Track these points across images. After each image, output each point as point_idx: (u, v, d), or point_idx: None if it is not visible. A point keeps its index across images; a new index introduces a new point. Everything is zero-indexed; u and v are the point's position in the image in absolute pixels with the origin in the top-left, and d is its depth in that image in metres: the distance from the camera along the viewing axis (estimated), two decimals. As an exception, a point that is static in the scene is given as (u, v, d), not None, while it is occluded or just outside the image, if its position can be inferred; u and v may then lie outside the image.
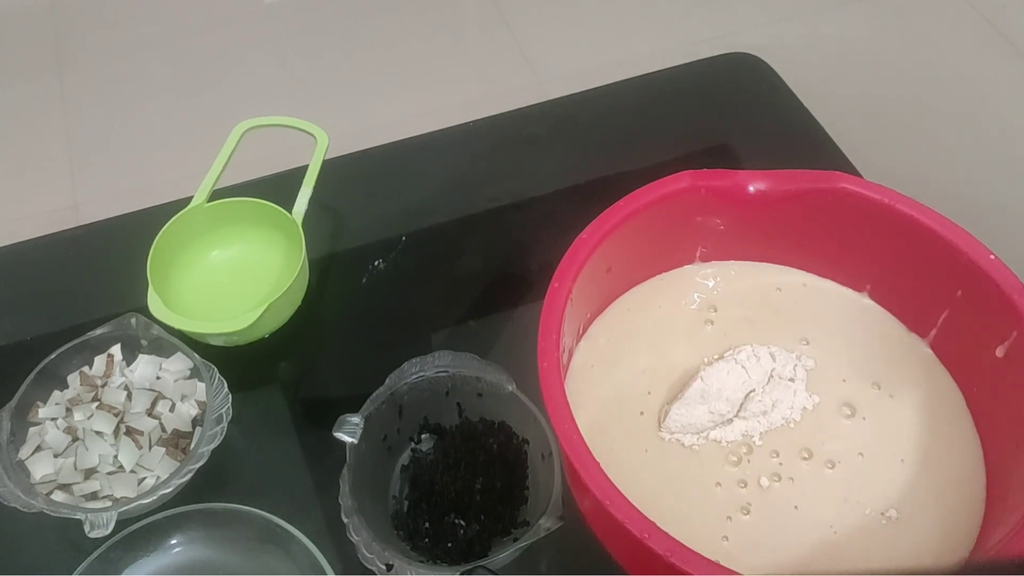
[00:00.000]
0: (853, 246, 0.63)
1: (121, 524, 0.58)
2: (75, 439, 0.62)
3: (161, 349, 0.66)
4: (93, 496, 0.61)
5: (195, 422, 0.64)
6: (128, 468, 0.61)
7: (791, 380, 0.60)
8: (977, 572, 0.51)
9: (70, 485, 0.61)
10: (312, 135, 0.74)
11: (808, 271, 0.66)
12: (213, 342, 0.69)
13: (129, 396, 0.64)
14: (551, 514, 0.54)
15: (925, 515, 0.56)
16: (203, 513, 0.59)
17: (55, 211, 1.30)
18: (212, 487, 0.63)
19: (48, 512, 0.58)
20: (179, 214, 0.71)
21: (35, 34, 1.57)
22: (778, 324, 0.64)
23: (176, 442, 0.63)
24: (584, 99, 0.90)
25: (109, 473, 0.61)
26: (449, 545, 0.59)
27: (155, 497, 0.59)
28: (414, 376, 0.61)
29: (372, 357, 0.70)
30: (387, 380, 0.61)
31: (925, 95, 1.34)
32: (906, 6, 1.49)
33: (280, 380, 0.71)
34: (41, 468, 0.61)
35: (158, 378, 0.66)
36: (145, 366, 0.66)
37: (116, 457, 0.62)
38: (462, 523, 0.60)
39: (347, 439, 0.57)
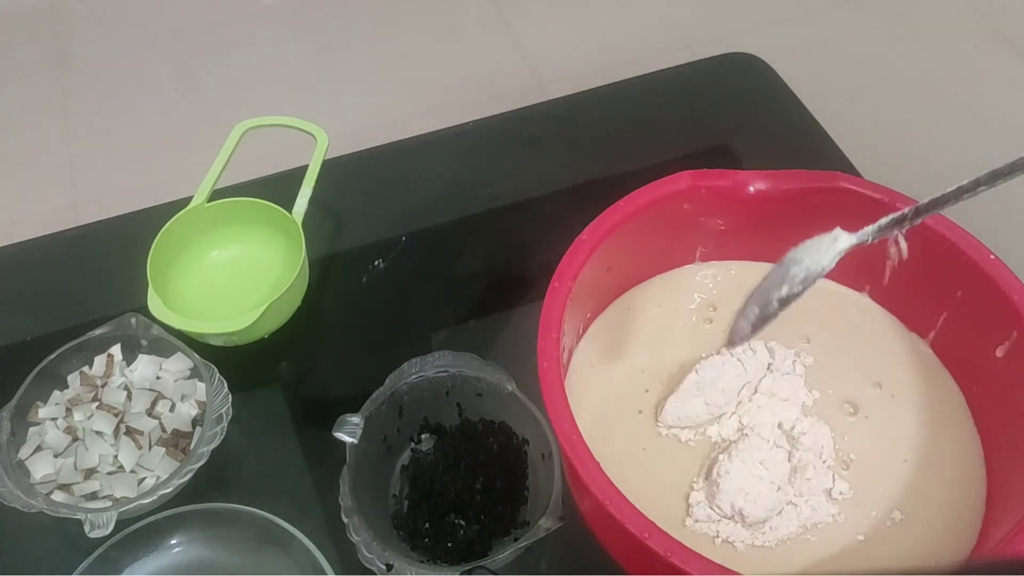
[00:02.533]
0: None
1: (121, 524, 0.58)
2: (75, 439, 0.62)
3: (161, 349, 0.66)
4: (93, 496, 0.61)
5: (195, 422, 0.64)
6: (128, 468, 0.61)
7: (789, 375, 0.60)
8: (977, 572, 0.51)
9: (70, 485, 0.61)
10: (312, 135, 0.74)
11: (808, 271, 0.66)
12: (213, 342, 0.69)
13: (129, 396, 0.64)
14: (551, 514, 0.54)
15: (926, 515, 0.56)
16: (203, 513, 0.59)
17: (55, 211, 1.29)
18: (212, 487, 0.63)
19: (48, 512, 0.58)
20: (179, 214, 0.71)
21: (35, 34, 1.57)
22: (778, 323, 0.63)
23: (176, 442, 0.63)
24: (584, 99, 0.90)
25: (109, 473, 0.61)
26: (449, 545, 0.59)
27: (155, 497, 0.59)
28: (414, 376, 0.61)
29: (372, 357, 0.70)
30: (387, 380, 0.61)
31: (925, 95, 1.34)
32: (906, 6, 1.49)
33: (280, 380, 0.71)
34: (41, 468, 0.61)
35: (158, 378, 0.66)
36: (145, 366, 0.66)
37: (116, 457, 0.62)
38: (462, 523, 0.60)
39: (347, 439, 0.57)
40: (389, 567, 0.54)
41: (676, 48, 1.00)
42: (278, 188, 0.74)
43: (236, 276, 0.74)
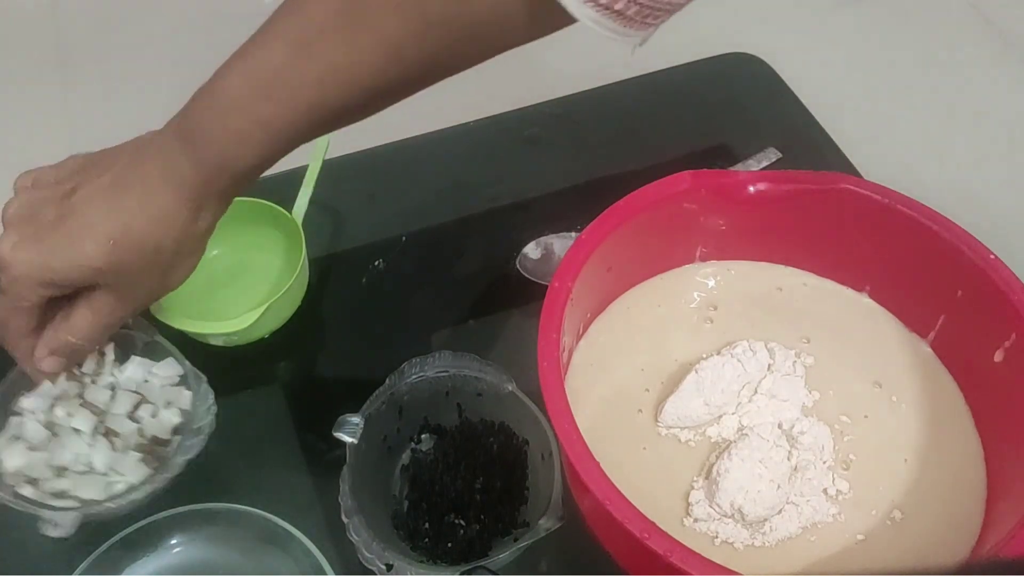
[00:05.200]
0: (853, 246, 0.63)
1: (122, 524, 0.58)
2: (53, 434, 0.60)
3: (154, 352, 0.65)
4: (61, 495, 0.58)
5: (176, 431, 0.62)
6: (100, 470, 0.59)
7: (789, 376, 0.60)
8: (977, 572, 0.51)
9: (39, 480, 0.58)
10: None
11: (808, 271, 0.66)
12: (213, 342, 0.69)
13: (113, 396, 0.62)
14: (551, 514, 0.54)
15: (926, 515, 0.56)
16: (203, 513, 0.59)
17: (55, 211, 1.30)
18: (212, 487, 0.63)
19: (12, 505, 0.56)
20: (179, 214, 0.71)
21: (35, 34, 1.57)
22: (778, 323, 0.64)
23: (153, 449, 0.61)
24: (584, 99, 0.90)
25: (80, 473, 0.59)
26: (449, 545, 0.59)
27: (125, 503, 0.57)
28: (414, 376, 0.61)
29: (372, 357, 0.70)
30: (387, 380, 0.61)
31: (925, 95, 1.34)
32: (907, 6, 1.49)
33: (280, 380, 0.71)
34: (14, 459, 0.58)
35: (146, 381, 0.64)
36: (135, 368, 0.64)
37: (90, 457, 0.60)
38: (462, 523, 0.60)
39: (347, 439, 0.57)
40: (389, 567, 0.54)
41: (676, 48, 1.00)
42: (278, 188, 0.74)
43: (236, 276, 0.74)
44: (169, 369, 0.64)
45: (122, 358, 0.65)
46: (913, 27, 1.46)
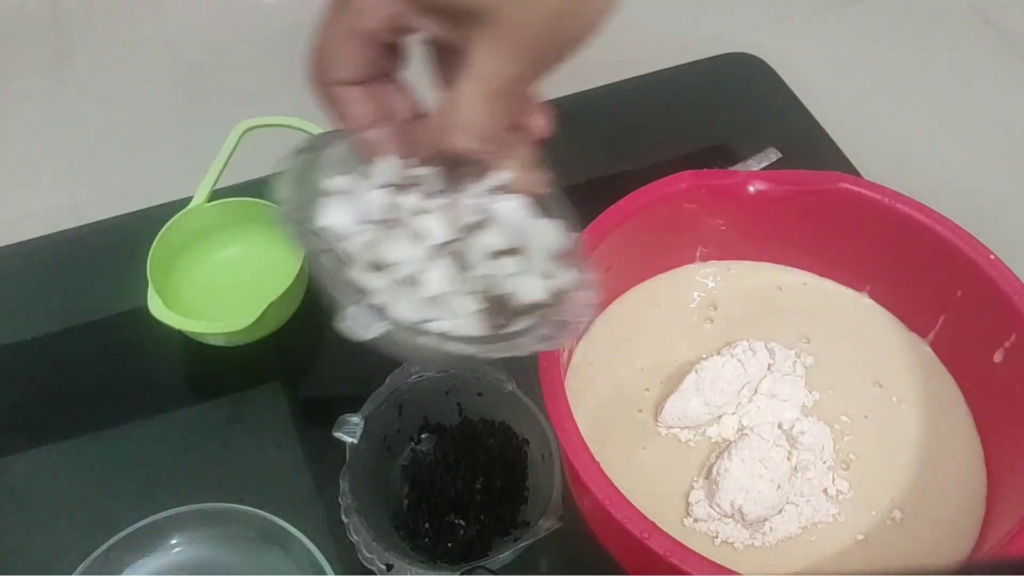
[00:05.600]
0: (853, 246, 0.63)
1: (131, 515, 0.58)
2: (386, 220, 0.44)
3: (548, 207, 0.48)
4: (359, 294, 0.44)
5: (534, 308, 0.45)
6: (430, 293, 0.43)
7: (789, 376, 0.60)
8: (977, 572, 0.51)
9: (344, 258, 0.44)
10: (312, 135, 0.74)
11: (808, 271, 0.66)
12: (213, 342, 0.69)
13: (484, 225, 0.45)
14: (551, 514, 0.54)
15: (926, 515, 0.56)
16: (203, 513, 0.59)
17: (55, 211, 1.29)
18: (212, 487, 0.63)
19: (326, 266, 0.44)
20: (179, 214, 0.71)
21: (35, 34, 1.57)
22: (778, 323, 0.64)
23: (502, 310, 0.44)
24: (584, 99, 0.90)
25: (399, 283, 0.43)
26: (449, 545, 0.59)
27: (439, 350, 0.42)
28: (414, 376, 0.61)
29: (372, 357, 0.70)
30: (387, 380, 0.61)
31: (925, 95, 1.34)
32: (907, 6, 1.49)
33: (280, 380, 0.71)
34: (333, 215, 0.44)
35: (530, 233, 0.46)
36: (517, 206, 0.46)
37: (418, 274, 0.43)
38: (462, 523, 0.60)
39: (347, 439, 0.57)
40: (389, 567, 0.54)
41: (676, 48, 1.00)
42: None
43: (236, 276, 0.74)
44: (559, 234, 0.47)
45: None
46: (913, 27, 1.46)
